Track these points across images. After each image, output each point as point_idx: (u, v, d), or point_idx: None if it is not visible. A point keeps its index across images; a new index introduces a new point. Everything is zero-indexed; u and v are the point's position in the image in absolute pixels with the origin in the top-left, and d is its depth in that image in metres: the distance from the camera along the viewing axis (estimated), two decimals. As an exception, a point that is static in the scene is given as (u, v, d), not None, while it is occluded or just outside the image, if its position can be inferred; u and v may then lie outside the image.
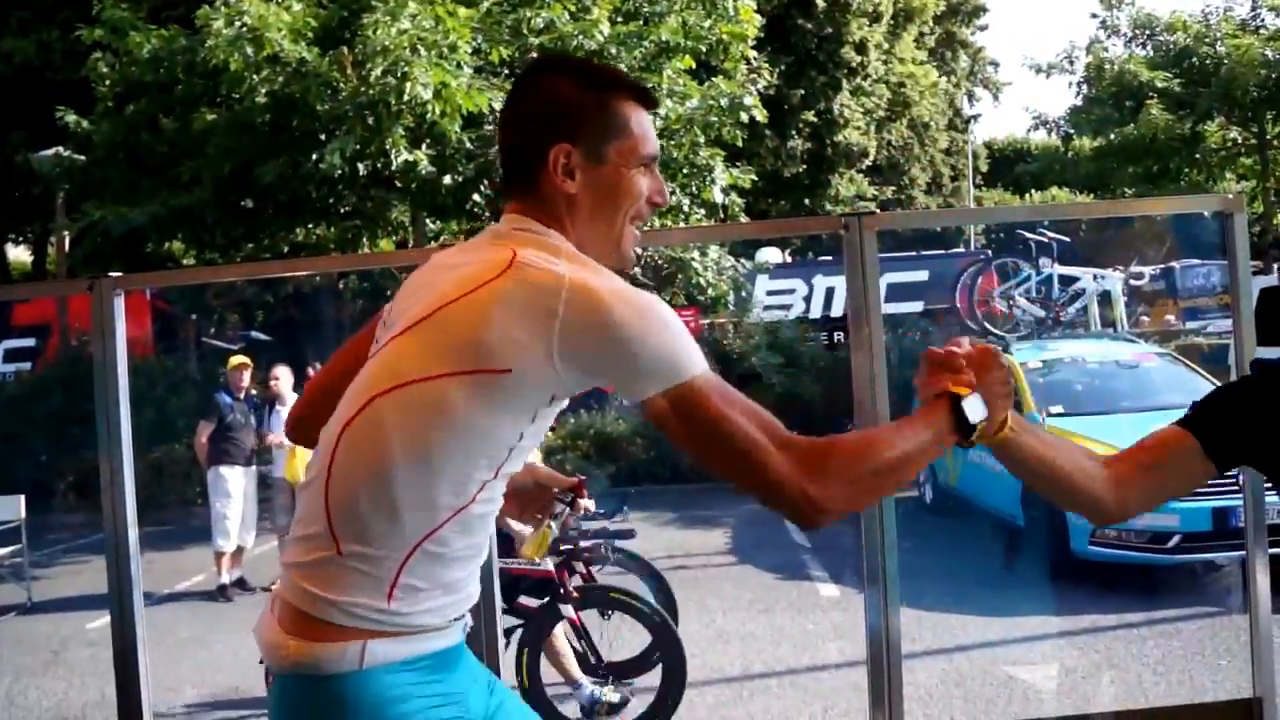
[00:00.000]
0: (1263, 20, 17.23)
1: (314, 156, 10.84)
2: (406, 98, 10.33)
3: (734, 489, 1.56)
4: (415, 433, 1.50)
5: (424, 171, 10.97)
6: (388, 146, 10.67)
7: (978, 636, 6.32)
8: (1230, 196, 3.01)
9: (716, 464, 1.53)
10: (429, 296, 1.57)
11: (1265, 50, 15.61)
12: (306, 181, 11.31)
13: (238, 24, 10.58)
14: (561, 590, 5.05)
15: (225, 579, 8.39)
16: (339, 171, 10.76)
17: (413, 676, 1.54)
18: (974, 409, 1.62)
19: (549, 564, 5.04)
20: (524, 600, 5.19)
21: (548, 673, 5.11)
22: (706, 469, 1.54)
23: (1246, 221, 2.92)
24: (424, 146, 11.08)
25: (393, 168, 10.93)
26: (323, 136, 11.01)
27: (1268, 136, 16.55)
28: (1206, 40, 16.66)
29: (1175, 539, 6.91)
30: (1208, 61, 16.38)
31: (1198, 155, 16.98)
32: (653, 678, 5.08)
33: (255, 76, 10.83)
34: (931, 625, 6.42)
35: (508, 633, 5.11)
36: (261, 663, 1.62)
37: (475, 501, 1.54)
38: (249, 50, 10.58)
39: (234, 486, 8.50)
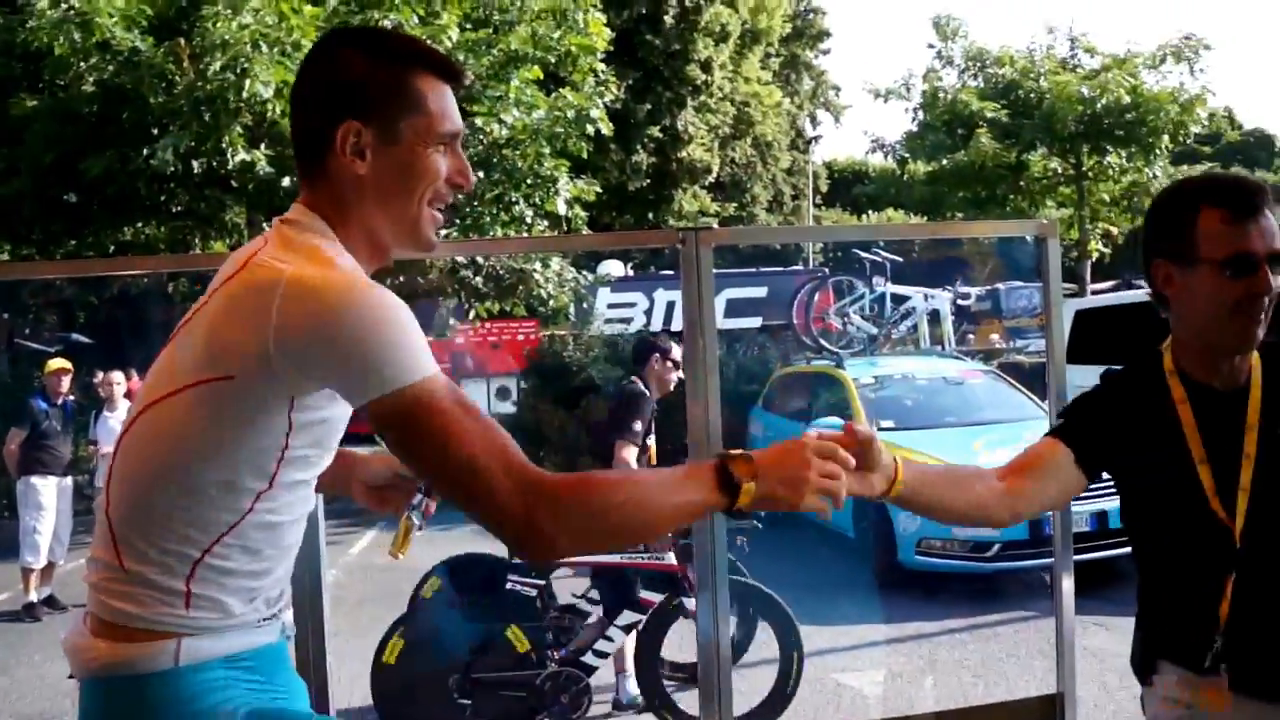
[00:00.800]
0: (1079, 59, 18.25)
1: (145, 151, 10.39)
2: (246, 95, 9.99)
3: (459, 507, 1.42)
4: (165, 448, 1.46)
5: (262, 172, 10.64)
6: (224, 145, 10.30)
7: (807, 645, 6.43)
8: (1045, 222, 3.17)
9: (438, 481, 1.43)
10: (201, 301, 1.55)
11: (1082, 88, 16.53)
12: (136, 177, 10.83)
13: (64, 6, 10.06)
14: (685, 583, 4.99)
15: (33, 597, 7.93)
16: (171, 169, 10.33)
17: (231, 671, 1.50)
18: (742, 468, 1.48)
19: (670, 558, 5.06)
20: (645, 595, 5.15)
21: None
22: (435, 487, 1.45)
23: (1060, 246, 3.08)
24: (263, 146, 10.75)
25: (229, 167, 10.56)
26: (155, 131, 10.56)
27: (1084, 168, 17.50)
28: (1031, 75, 17.55)
29: (995, 548, 7.25)
30: (1032, 95, 17.25)
31: (1022, 183, 17.84)
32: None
33: (83, 63, 10.34)
34: (761, 632, 6.53)
35: (627, 628, 5.12)
36: (71, 676, 1.53)
37: (253, 512, 1.48)
38: (76, 35, 10.08)
39: (46, 498, 8.03)
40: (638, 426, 5.59)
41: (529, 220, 11.79)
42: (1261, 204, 1.89)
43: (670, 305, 18.89)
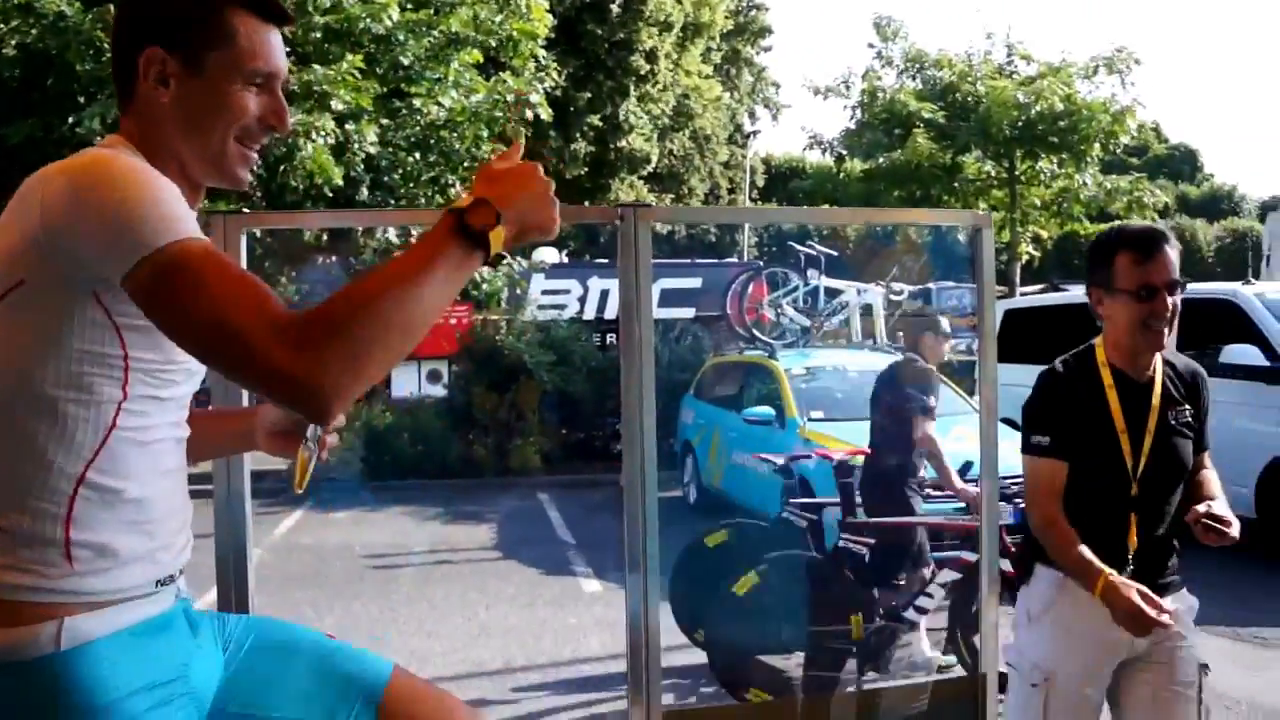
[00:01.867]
0: (1016, 66, 18.55)
1: (70, 120, 10.12)
2: (177, 65, 9.76)
3: (220, 372, 1.38)
4: None
5: (192, 144, 10.41)
6: (154, 115, 10.06)
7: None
8: (981, 213, 3.21)
9: (196, 342, 1.33)
10: None
11: (1018, 94, 16.81)
12: (60, 146, 10.49)
13: (-16, -34, 9.77)
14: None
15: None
16: (98, 138, 10.06)
17: (120, 653, 1.42)
18: (480, 214, 1.38)
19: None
20: (965, 555, 5.15)
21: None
22: (189, 351, 1.37)
23: (994, 237, 3.11)
24: (190, 117, 10.52)
25: (158, 138, 10.32)
26: (82, 99, 10.29)
27: (1017, 172, 17.80)
28: (969, 79, 17.81)
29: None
30: (969, 98, 17.51)
31: (956, 184, 18.10)
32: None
33: (3, 25, 10.02)
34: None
35: (945, 586, 5.21)
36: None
37: (117, 428, 1.43)
38: (-3, -4, 9.78)
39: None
40: (932, 401, 5.91)
41: (463, 201, 11.69)
42: (1162, 246, 2.62)
43: (604, 293, 18.82)
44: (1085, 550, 2.54)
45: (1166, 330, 2.63)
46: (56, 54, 10.09)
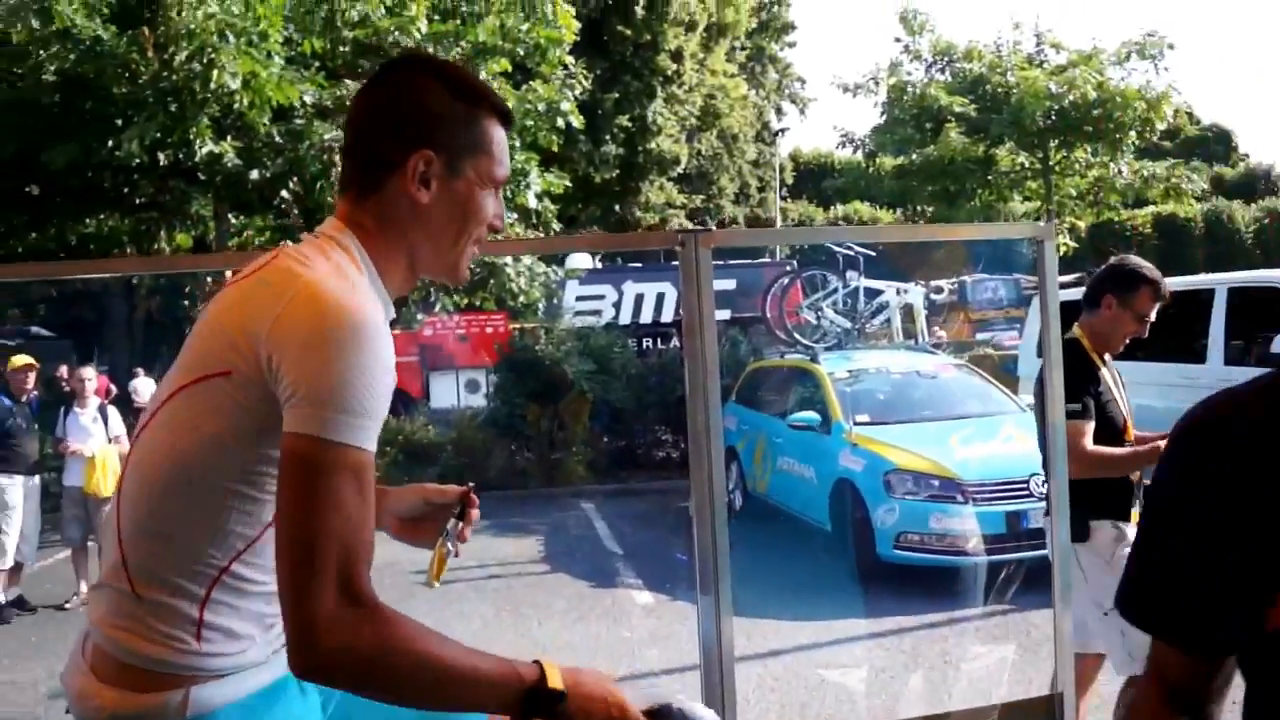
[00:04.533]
0: (1046, 55, 18.37)
1: (109, 143, 10.19)
2: (213, 86, 9.81)
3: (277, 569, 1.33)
4: (171, 454, 1.42)
5: (229, 164, 10.48)
6: (191, 136, 10.12)
7: (790, 640, 6.46)
8: (1043, 225, 3.16)
9: (280, 538, 1.32)
10: (215, 299, 1.53)
11: (1050, 83, 16.63)
12: (100, 169, 10.66)
13: (22, -9, 9.85)
14: None
15: (1, 598, 7.77)
16: (137, 160, 10.15)
17: (240, 716, 1.46)
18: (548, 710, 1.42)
19: None
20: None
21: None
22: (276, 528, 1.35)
23: (1055, 248, 3.06)
24: (230, 138, 10.59)
25: (196, 159, 10.39)
26: (119, 122, 10.36)
27: (1051, 162, 17.62)
28: (999, 70, 17.65)
29: (973, 542, 7.26)
30: (1000, 90, 17.35)
31: (990, 177, 17.95)
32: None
33: (42, 52, 10.10)
34: (745, 630, 6.50)
35: None
36: (68, 712, 1.48)
37: (270, 528, 1.43)
38: (34, 22, 9.84)
39: (12, 497, 7.84)
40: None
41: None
42: (1163, 291, 3.79)
43: (639, 297, 18.83)
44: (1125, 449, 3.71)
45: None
46: (94, 78, 10.18)
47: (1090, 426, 3.62)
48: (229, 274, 1.73)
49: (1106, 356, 3.84)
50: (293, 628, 1.29)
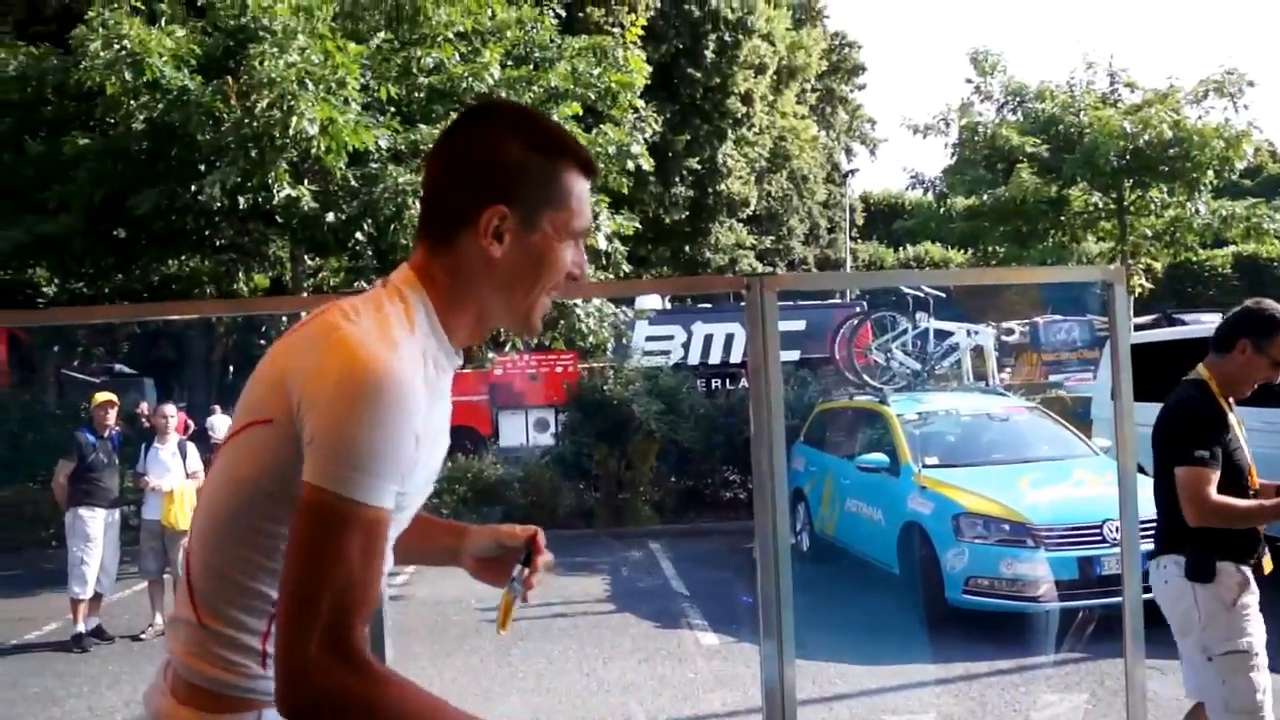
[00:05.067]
0: (1120, 94, 18.14)
1: (193, 188, 10.54)
2: (291, 132, 10.11)
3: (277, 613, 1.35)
4: (226, 496, 1.47)
5: (306, 208, 10.75)
6: (270, 180, 10.43)
7: (857, 685, 6.39)
8: (1113, 268, 3.13)
9: (281, 582, 1.35)
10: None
11: (1124, 123, 16.40)
12: (184, 213, 10.99)
13: (116, 47, 10.25)
14: None
15: (81, 628, 7.98)
16: (218, 204, 10.47)
17: None
18: None
19: None
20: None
21: None
22: (281, 575, 1.38)
23: (1126, 291, 3.04)
24: (307, 182, 10.88)
25: (274, 202, 10.68)
26: (202, 167, 10.72)
27: (1126, 202, 17.36)
28: (1071, 110, 17.45)
29: (1044, 588, 7.13)
30: (1073, 130, 17.14)
31: (1063, 218, 17.71)
32: None
33: (133, 102, 10.49)
34: (810, 673, 6.46)
35: None
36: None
37: None
38: (127, 75, 10.25)
39: (94, 530, 8.10)
40: None
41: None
42: None
43: (709, 338, 18.85)
44: (1251, 501, 3.58)
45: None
46: (180, 126, 10.54)
47: (1216, 475, 3.52)
48: (304, 315, 1.76)
49: (1231, 400, 3.72)
50: (279, 670, 1.31)
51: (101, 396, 8.73)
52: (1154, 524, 3.74)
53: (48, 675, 7.22)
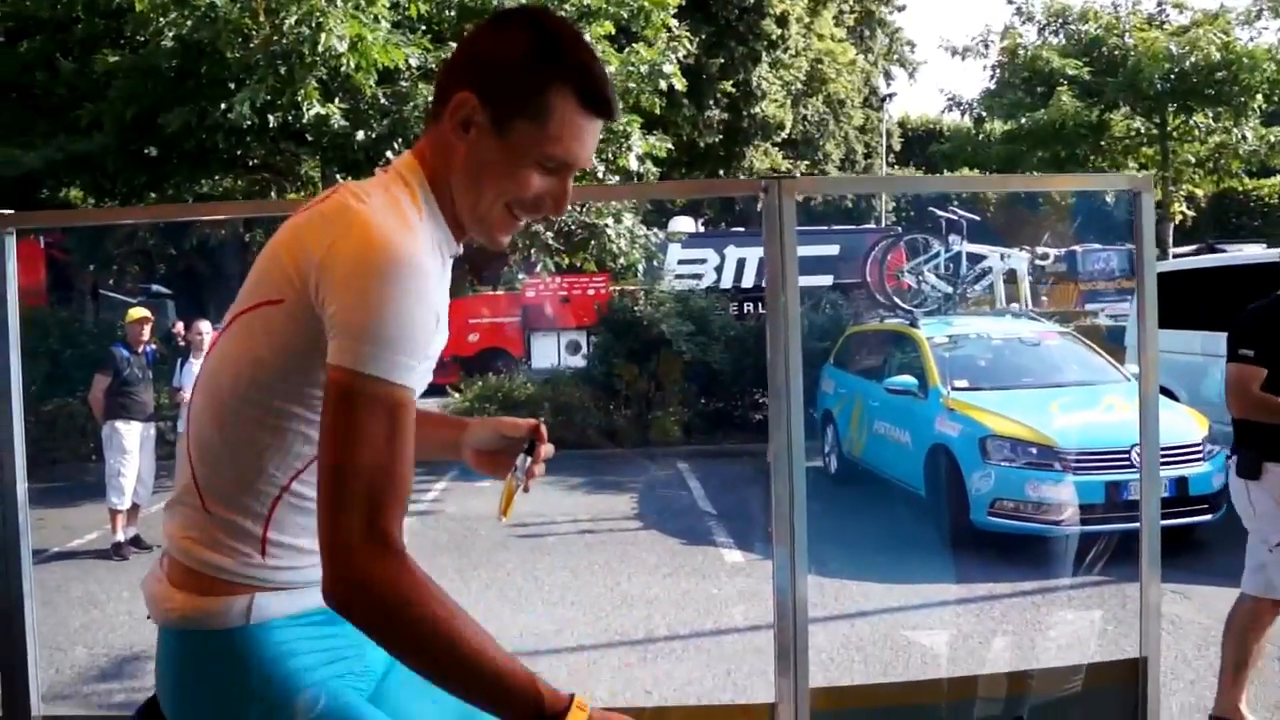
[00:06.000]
0: (1168, 15, 17.68)
1: (222, 106, 10.50)
2: (320, 49, 10.03)
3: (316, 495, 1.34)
4: (231, 378, 1.47)
5: (336, 126, 10.72)
6: (299, 99, 10.38)
7: (878, 602, 6.44)
8: (1139, 176, 3.06)
9: (320, 463, 1.34)
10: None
11: (1170, 45, 15.99)
12: (214, 131, 10.97)
13: (144, -38, 10.19)
14: None
15: (120, 537, 8.17)
16: (248, 122, 10.43)
17: (303, 631, 1.52)
18: None
19: None
20: None
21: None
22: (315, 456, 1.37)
23: (1154, 201, 2.98)
24: (337, 100, 10.83)
25: (304, 121, 10.64)
26: (232, 85, 10.66)
27: (1169, 128, 17.00)
28: (1116, 31, 17.05)
29: (1069, 511, 7.13)
30: (1116, 52, 16.76)
31: (1103, 143, 17.39)
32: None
33: (162, 19, 10.44)
34: (834, 591, 6.53)
35: None
36: (149, 617, 1.58)
37: None
38: (157, -10, 10.20)
39: (130, 442, 8.24)
40: None
41: (601, 176, 11.74)
42: None
43: (741, 262, 18.80)
44: None
45: None
46: (209, 43, 10.48)
47: (1262, 374, 3.84)
48: None
49: None
50: (324, 559, 1.30)
51: (136, 313, 8.83)
52: (1177, 449, 4.24)
53: (89, 581, 7.40)
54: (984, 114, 19.60)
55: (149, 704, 1.61)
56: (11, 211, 2.81)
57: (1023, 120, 17.68)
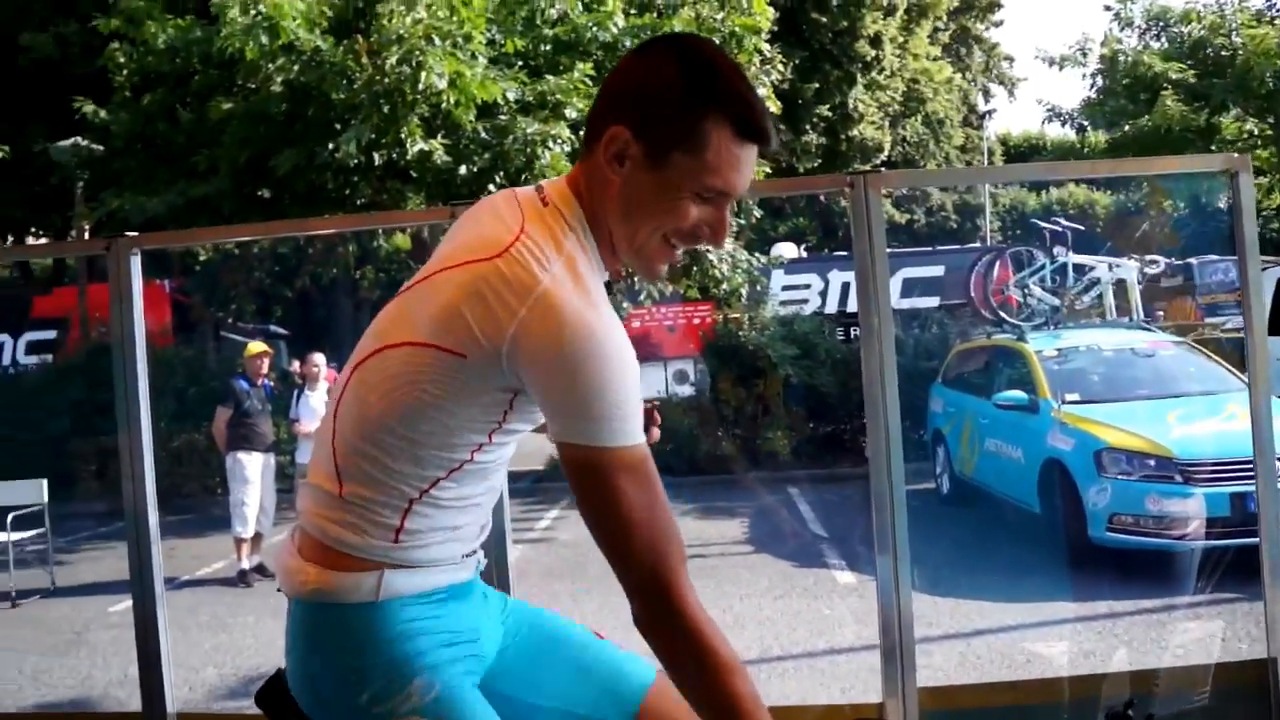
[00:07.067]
0: (1278, 11, 17.08)
1: (330, 146, 10.86)
2: (421, 87, 10.34)
3: (621, 578, 1.46)
4: (397, 391, 1.50)
5: (439, 161, 10.99)
6: (403, 136, 10.69)
7: (994, 622, 6.31)
8: (1236, 156, 2.98)
9: (601, 537, 1.45)
10: (442, 252, 1.57)
11: (1280, 41, 15.46)
12: (322, 171, 11.34)
13: (253, 13, 10.62)
14: None
15: (245, 565, 8.44)
16: (355, 161, 10.78)
17: (426, 609, 1.57)
18: None
19: None
20: None
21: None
22: (596, 540, 1.47)
23: (1253, 182, 2.89)
24: (439, 136, 11.10)
25: (408, 157, 10.94)
26: (338, 126, 11.03)
27: (1285, 129, 16.41)
28: (1221, 31, 16.49)
29: (1193, 524, 6.88)
30: (1223, 53, 16.20)
31: (1213, 147, 16.82)
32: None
33: (271, 65, 10.86)
34: (949, 611, 6.41)
35: None
36: (279, 590, 1.66)
37: (471, 461, 1.55)
38: (264, 39, 10.60)
39: (252, 472, 8.53)
40: None
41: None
42: None
43: (845, 286, 18.64)
44: None
45: None
46: (315, 86, 10.87)
47: None
48: (447, 224, 1.78)
49: None
50: (651, 616, 1.45)
51: (255, 347, 9.16)
52: None
53: (218, 606, 7.68)
54: (1086, 124, 19.13)
55: (276, 675, 1.68)
56: (135, 234, 2.97)
57: (1126, 128, 17.20)
